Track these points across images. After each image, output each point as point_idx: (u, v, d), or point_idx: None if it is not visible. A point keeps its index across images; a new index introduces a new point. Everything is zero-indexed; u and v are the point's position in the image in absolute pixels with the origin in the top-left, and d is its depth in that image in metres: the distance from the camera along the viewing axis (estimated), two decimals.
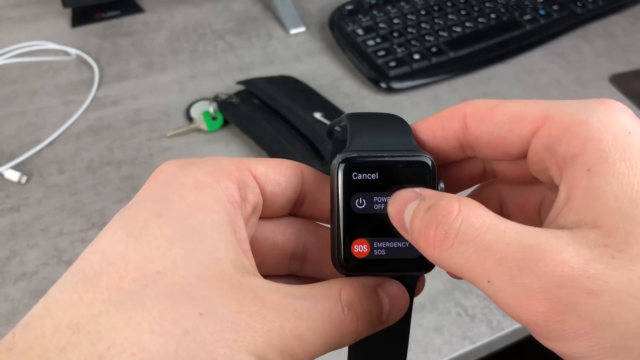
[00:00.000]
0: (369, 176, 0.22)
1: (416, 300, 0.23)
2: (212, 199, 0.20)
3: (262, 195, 0.23)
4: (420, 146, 0.23)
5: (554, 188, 0.20)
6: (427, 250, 0.19)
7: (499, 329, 0.46)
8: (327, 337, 0.20)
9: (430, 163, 0.22)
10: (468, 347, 0.45)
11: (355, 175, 0.22)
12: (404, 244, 0.22)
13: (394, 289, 0.22)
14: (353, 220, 0.22)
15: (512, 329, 0.46)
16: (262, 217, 0.24)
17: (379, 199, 0.22)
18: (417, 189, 0.21)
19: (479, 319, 0.46)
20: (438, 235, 0.18)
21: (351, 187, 0.22)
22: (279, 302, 0.19)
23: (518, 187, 0.24)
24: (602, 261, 0.16)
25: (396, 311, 0.22)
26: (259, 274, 0.20)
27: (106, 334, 0.17)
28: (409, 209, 0.20)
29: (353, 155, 0.22)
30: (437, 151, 0.23)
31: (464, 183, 0.25)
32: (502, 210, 0.24)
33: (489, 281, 0.17)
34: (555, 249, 0.16)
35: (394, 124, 0.23)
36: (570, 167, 0.18)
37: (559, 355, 0.17)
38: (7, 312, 0.47)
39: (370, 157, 0.21)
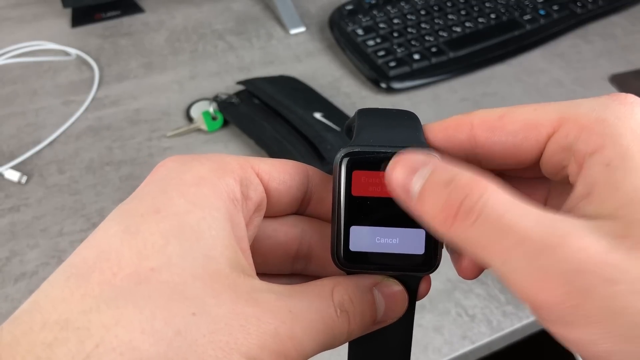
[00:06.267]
0: (372, 171, 0.21)
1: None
2: (213, 195, 0.20)
3: (266, 193, 0.22)
4: None
5: (567, 184, 0.20)
6: (438, 224, 0.18)
7: (499, 329, 0.46)
8: (321, 338, 0.19)
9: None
10: (468, 347, 0.45)
11: (357, 170, 0.21)
12: (408, 239, 0.21)
13: (391, 289, 0.22)
14: (355, 213, 0.21)
15: (512, 329, 0.46)
16: (268, 216, 0.23)
17: (382, 194, 0.21)
18: (426, 152, 0.19)
19: (478, 319, 0.46)
20: (461, 213, 0.17)
21: (353, 182, 0.21)
22: (274, 304, 0.18)
23: (523, 179, 0.23)
24: (620, 251, 0.16)
25: (392, 312, 0.22)
26: (255, 275, 0.20)
27: (95, 331, 0.16)
28: (419, 176, 0.19)
29: (356, 149, 0.21)
30: None
31: None
32: None
33: (504, 261, 0.17)
34: (576, 236, 0.16)
35: (404, 120, 0.23)
36: (589, 163, 0.18)
37: (564, 341, 0.17)
38: (7, 312, 0.47)
39: (373, 151, 0.21)
